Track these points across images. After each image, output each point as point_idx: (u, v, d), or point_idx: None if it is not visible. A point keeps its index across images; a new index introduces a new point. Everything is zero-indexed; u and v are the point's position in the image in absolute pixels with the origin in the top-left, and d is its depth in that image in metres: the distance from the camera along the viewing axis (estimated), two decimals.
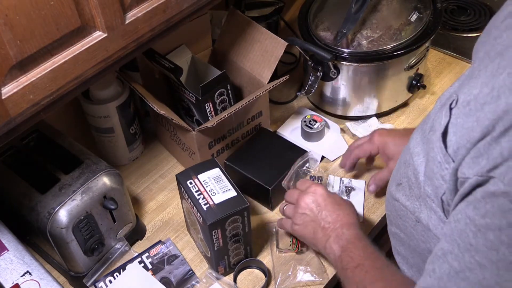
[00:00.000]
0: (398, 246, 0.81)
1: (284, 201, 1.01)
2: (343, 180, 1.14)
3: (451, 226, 0.55)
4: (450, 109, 0.57)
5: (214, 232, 0.90)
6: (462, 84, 0.60)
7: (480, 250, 0.50)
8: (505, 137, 0.48)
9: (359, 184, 1.13)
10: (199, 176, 0.95)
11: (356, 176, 1.15)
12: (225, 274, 1.01)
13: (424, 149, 0.66)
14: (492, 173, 0.48)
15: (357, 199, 1.10)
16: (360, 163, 1.13)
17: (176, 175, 0.97)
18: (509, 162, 0.47)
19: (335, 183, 1.13)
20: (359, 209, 1.08)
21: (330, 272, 1.00)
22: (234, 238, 0.94)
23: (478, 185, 0.50)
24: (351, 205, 0.92)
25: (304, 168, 1.09)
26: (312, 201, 0.91)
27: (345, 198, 1.10)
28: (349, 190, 1.12)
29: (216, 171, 0.96)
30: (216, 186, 0.93)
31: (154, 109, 1.02)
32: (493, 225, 0.48)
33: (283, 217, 0.99)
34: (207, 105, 1.08)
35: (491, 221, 0.48)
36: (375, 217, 1.07)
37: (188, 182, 0.94)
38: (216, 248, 0.93)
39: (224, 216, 0.89)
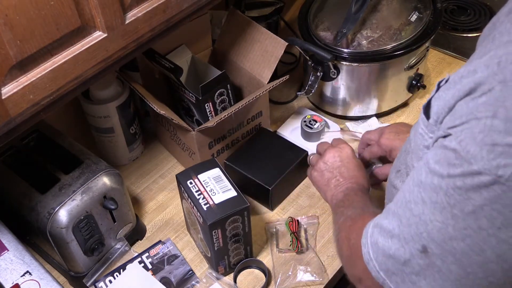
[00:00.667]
0: None
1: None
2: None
3: (417, 165, 0.62)
4: (439, 87, 0.61)
5: (214, 232, 0.90)
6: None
7: (426, 188, 0.57)
8: (472, 102, 0.52)
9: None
10: (199, 176, 0.95)
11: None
12: (225, 274, 1.01)
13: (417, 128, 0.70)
14: (451, 130, 0.54)
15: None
16: None
17: (176, 175, 0.97)
18: (465, 125, 0.52)
19: None
20: None
21: (330, 272, 1.00)
22: (234, 238, 0.94)
23: (442, 136, 0.57)
24: (365, 171, 0.97)
25: None
26: (337, 155, 0.96)
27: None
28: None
29: (216, 171, 0.96)
30: (216, 186, 0.93)
31: (154, 109, 1.02)
32: (438, 172, 0.55)
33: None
34: (207, 105, 1.08)
35: (438, 168, 0.55)
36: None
37: (188, 182, 0.94)
38: (216, 248, 0.93)
39: (224, 216, 0.89)
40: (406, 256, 0.59)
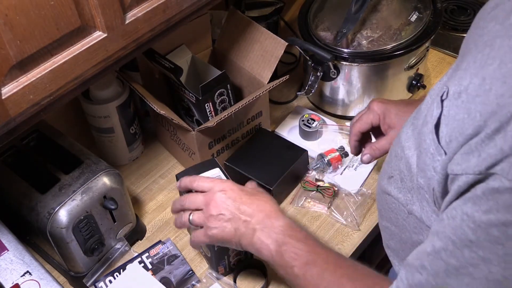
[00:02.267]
0: (389, 240, 0.81)
1: (176, 214, 0.88)
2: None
3: (443, 224, 0.54)
4: (442, 100, 0.57)
5: None
6: (451, 76, 0.60)
7: (482, 245, 0.49)
8: (500, 134, 0.48)
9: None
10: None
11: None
12: (225, 274, 1.01)
13: (416, 142, 0.66)
14: (492, 170, 0.48)
15: (363, 171, 1.15)
16: None
17: (176, 175, 0.97)
18: (510, 158, 0.47)
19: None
20: (360, 181, 1.13)
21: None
22: None
23: (476, 182, 0.50)
24: (266, 193, 0.84)
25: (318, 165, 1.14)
26: (225, 199, 0.80)
27: (358, 165, 1.16)
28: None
29: (216, 171, 0.96)
30: None
31: (154, 109, 1.02)
32: (497, 221, 0.48)
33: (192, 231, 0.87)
34: (207, 105, 1.08)
35: (495, 217, 0.48)
36: (374, 218, 1.08)
37: None
38: (216, 248, 0.93)
39: None
40: None
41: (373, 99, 0.96)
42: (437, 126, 0.57)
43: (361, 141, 1.00)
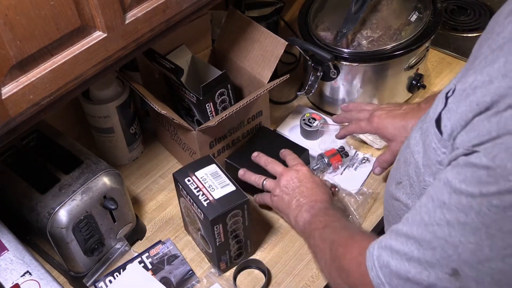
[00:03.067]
0: None
1: (259, 178, 1.03)
2: (357, 153, 1.19)
3: (433, 185, 0.58)
4: (446, 98, 0.59)
5: (216, 228, 0.90)
6: (461, 76, 0.61)
7: (451, 209, 0.54)
8: (497, 117, 0.50)
9: (373, 160, 1.17)
10: (196, 173, 0.95)
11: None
12: (227, 269, 1.01)
13: (423, 143, 0.67)
14: (478, 147, 0.51)
15: (363, 171, 1.16)
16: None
17: (173, 174, 0.97)
18: (496, 140, 0.50)
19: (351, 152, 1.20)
20: (360, 181, 1.14)
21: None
22: (235, 232, 0.94)
23: (463, 155, 0.54)
24: (326, 187, 0.97)
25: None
26: (295, 177, 0.96)
27: (358, 165, 1.18)
28: (364, 160, 1.18)
29: (213, 167, 0.96)
30: (214, 182, 0.93)
31: (156, 109, 1.02)
32: (467, 192, 0.52)
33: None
34: (208, 105, 1.08)
35: (466, 188, 0.52)
36: (375, 218, 1.08)
37: (186, 179, 0.95)
38: (217, 244, 0.93)
39: (226, 211, 0.89)
40: (431, 280, 0.56)
41: (376, 111, 1.02)
42: (438, 121, 0.59)
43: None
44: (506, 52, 0.53)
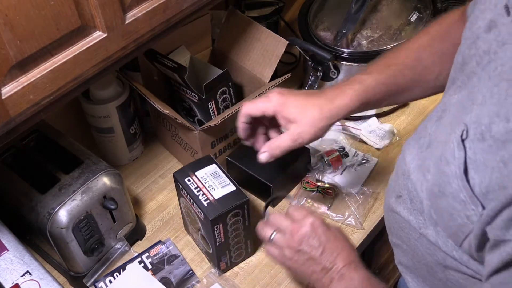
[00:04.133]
0: (401, 256, 0.78)
1: (263, 222, 0.87)
2: (357, 153, 1.19)
3: None
4: (462, 140, 0.53)
5: (216, 227, 0.90)
6: (464, 109, 0.57)
7: None
8: None
9: (373, 160, 1.18)
10: (196, 173, 0.95)
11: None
12: (227, 269, 1.01)
13: (433, 179, 0.62)
14: None
15: (363, 171, 1.15)
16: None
17: (173, 174, 0.97)
18: None
19: (351, 153, 1.19)
20: (360, 181, 1.13)
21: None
22: (235, 232, 0.94)
23: None
24: (348, 239, 0.81)
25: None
26: (311, 236, 0.77)
27: (358, 165, 1.16)
28: (364, 160, 1.17)
29: (213, 167, 0.96)
30: (214, 182, 0.93)
31: (158, 108, 1.02)
32: None
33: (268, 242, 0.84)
34: (210, 104, 1.08)
35: None
36: (375, 218, 1.08)
37: (186, 179, 0.95)
38: (218, 244, 0.93)
39: (226, 211, 0.89)
40: None
41: (273, 89, 0.86)
42: (465, 171, 0.53)
43: (254, 126, 0.89)
44: (507, 80, 0.49)
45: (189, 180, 0.94)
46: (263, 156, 0.84)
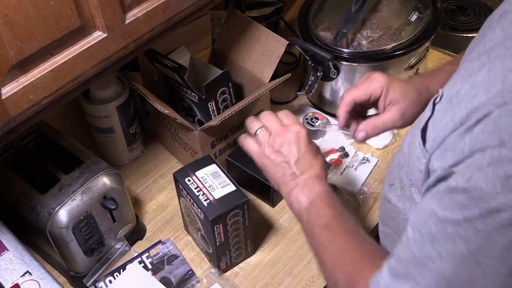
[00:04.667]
0: (391, 247, 0.80)
1: (254, 117, 0.86)
2: (357, 153, 1.19)
3: (416, 215, 0.55)
4: (434, 104, 0.57)
5: (216, 227, 0.90)
6: (449, 81, 0.61)
7: (439, 241, 0.51)
8: (469, 134, 0.48)
9: (373, 160, 1.18)
10: (196, 173, 0.95)
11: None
12: (227, 269, 1.01)
13: (411, 144, 0.66)
14: (454, 168, 0.49)
15: (364, 170, 1.15)
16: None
17: (173, 174, 0.97)
18: (469, 159, 0.48)
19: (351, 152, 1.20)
20: (360, 181, 1.13)
21: None
22: (235, 232, 0.94)
23: (442, 178, 0.51)
24: (323, 159, 0.82)
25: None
26: (293, 142, 0.79)
27: (358, 165, 1.17)
28: (364, 160, 1.17)
29: (213, 167, 0.96)
30: (214, 182, 0.93)
31: (158, 108, 1.02)
32: (451, 219, 0.49)
33: (249, 136, 0.84)
34: (210, 104, 1.08)
35: (450, 214, 0.49)
36: (375, 217, 1.08)
37: (186, 179, 0.95)
38: (218, 244, 0.93)
39: (226, 211, 0.89)
40: None
41: (373, 72, 0.86)
42: (424, 129, 0.57)
43: (352, 115, 0.89)
44: (492, 59, 0.51)
45: (189, 180, 0.94)
46: (361, 134, 0.86)
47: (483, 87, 0.50)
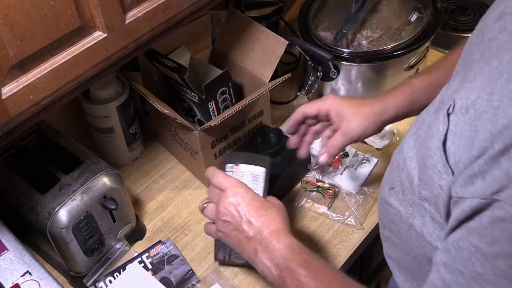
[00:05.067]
0: (390, 250, 0.80)
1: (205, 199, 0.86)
2: (357, 153, 1.19)
3: (451, 255, 0.52)
4: (448, 114, 0.55)
5: None
6: (457, 88, 0.58)
7: (488, 278, 0.47)
8: (505, 156, 0.45)
9: (373, 160, 1.18)
10: (241, 165, 0.91)
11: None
12: (223, 264, 1.00)
13: (419, 154, 0.64)
14: (497, 196, 0.45)
15: (364, 170, 1.15)
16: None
17: (226, 155, 0.93)
18: None
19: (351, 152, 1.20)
20: (360, 181, 1.13)
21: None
22: None
23: (481, 209, 0.47)
24: (279, 208, 0.80)
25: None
26: (233, 206, 0.77)
27: (358, 165, 1.16)
28: (364, 160, 1.17)
29: (259, 170, 0.91)
30: (248, 183, 0.86)
31: (158, 108, 1.02)
32: (503, 253, 0.45)
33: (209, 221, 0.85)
34: (210, 104, 1.08)
35: (501, 249, 0.45)
36: (375, 218, 1.08)
37: (229, 165, 0.91)
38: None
39: None
40: None
41: (328, 94, 0.94)
42: (444, 142, 0.55)
43: (301, 128, 0.96)
44: (507, 67, 0.49)
45: (231, 167, 0.90)
46: (323, 158, 0.89)
47: (506, 98, 0.47)
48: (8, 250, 0.85)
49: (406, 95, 0.86)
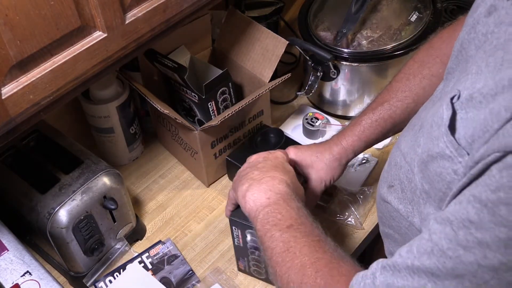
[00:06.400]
0: (392, 246, 0.80)
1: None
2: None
3: (446, 210, 0.51)
4: (452, 103, 0.54)
5: (234, 228, 0.90)
6: (459, 80, 0.59)
7: (483, 227, 0.45)
8: None
9: (373, 160, 1.18)
10: None
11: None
12: (244, 271, 0.99)
13: (419, 148, 0.64)
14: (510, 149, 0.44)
15: (363, 170, 1.16)
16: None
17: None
18: None
19: None
20: (360, 181, 1.14)
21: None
22: (256, 251, 0.92)
23: (493, 162, 0.46)
24: (295, 175, 0.83)
25: None
26: (262, 155, 0.84)
27: (358, 165, 1.17)
28: (364, 160, 1.17)
29: None
30: None
31: (158, 108, 1.02)
32: (507, 199, 0.43)
33: None
34: (210, 104, 1.08)
35: (506, 195, 0.43)
36: (375, 217, 1.08)
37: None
38: (236, 244, 0.93)
39: (243, 222, 0.86)
40: None
41: (288, 147, 0.94)
42: (450, 128, 0.54)
43: None
44: (507, 51, 0.50)
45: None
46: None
47: None
48: (8, 250, 0.85)
49: (357, 135, 0.91)
